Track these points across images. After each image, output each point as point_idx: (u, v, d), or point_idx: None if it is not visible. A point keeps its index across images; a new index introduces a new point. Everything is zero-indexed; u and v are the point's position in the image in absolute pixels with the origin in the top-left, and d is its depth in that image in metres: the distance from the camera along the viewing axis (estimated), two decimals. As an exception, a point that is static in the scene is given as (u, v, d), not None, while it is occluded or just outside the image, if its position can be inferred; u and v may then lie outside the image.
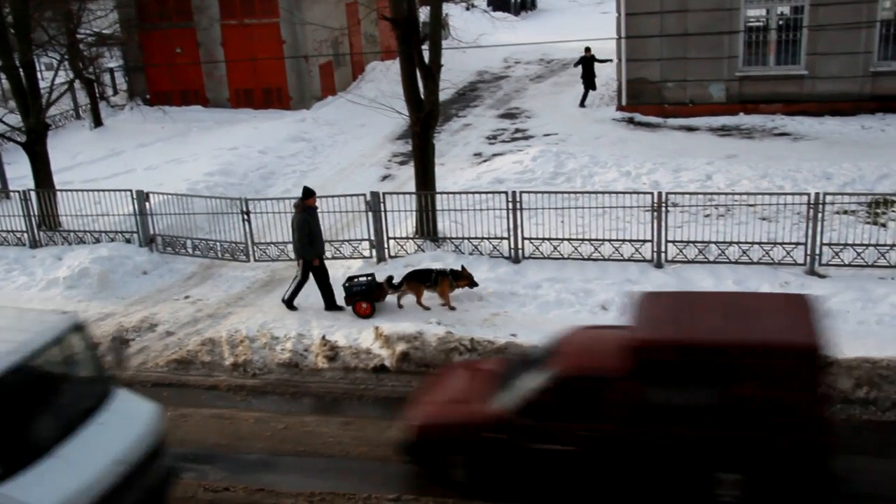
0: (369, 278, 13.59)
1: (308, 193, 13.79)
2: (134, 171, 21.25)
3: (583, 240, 14.27)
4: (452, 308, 13.24)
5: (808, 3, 21.53)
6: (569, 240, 14.30)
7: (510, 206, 14.25)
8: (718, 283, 13.12)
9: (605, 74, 26.05)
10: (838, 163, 17.88)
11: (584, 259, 14.13)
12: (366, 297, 13.35)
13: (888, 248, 13.24)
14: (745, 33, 22.31)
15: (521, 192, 14.45)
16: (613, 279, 13.46)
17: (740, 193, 15.28)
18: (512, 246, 14.47)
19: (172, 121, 25.54)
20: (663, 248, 13.88)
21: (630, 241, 14.10)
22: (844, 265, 13.28)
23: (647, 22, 22.43)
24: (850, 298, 12.42)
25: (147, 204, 16.20)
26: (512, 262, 14.43)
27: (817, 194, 13.23)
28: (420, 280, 13.34)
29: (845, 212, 15.14)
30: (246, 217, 15.45)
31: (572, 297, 13.11)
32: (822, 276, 13.20)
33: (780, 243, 13.60)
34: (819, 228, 13.24)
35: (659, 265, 13.87)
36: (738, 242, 13.74)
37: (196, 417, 11.05)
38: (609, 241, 14.19)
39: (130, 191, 16.21)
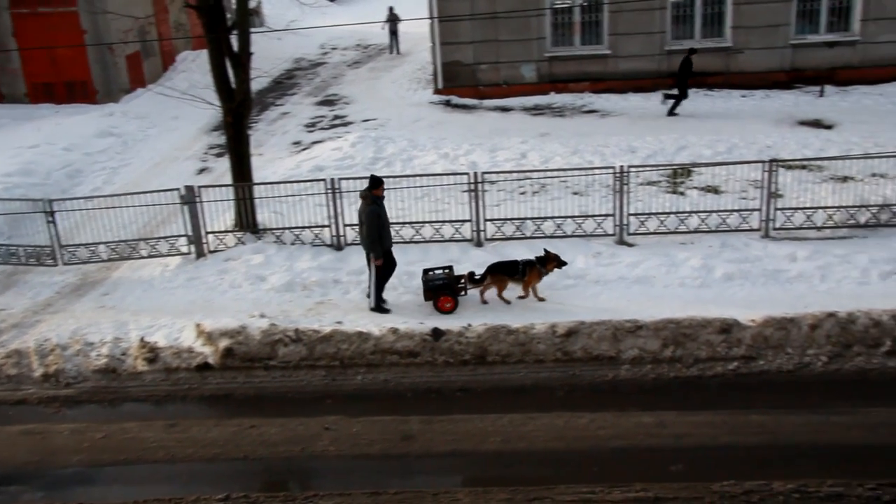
0: (446, 271, 12.66)
1: (376, 182, 12.37)
2: (-82, 174, 19.49)
3: (403, 223, 14.39)
4: (542, 299, 12.50)
5: (607, -15, 22.58)
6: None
7: (330, 193, 14.16)
8: (536, 257, 13.58)
9: (423, 58, 26.27)
10: (642, 136, 18.95)
11: (405, 242, 14.22)
12: (448, 291, 12.38)
13: (687, 214, 14.13)
14: (551, 15, 23.14)
15: (340, 179, 14.38)
16: (436, 261, 13.62)
17: (553, 170, 15.86)
18: (334, 233, 14.39)
19: (-39, 119, 23.61)
20: (482, 227, 14.21)
21: (450, 221, 14.35)
22: (650, 233, 14.08)
23: (458, 4, 22.79)
24: (656, 264, 13.18)
25: (-64, 210, 14.97)
26: (335, 249, 14.35)
27: (622, 167, 13.93)
28: (505, 272, 12.50)
29: (649, 183, 16.06)
30: (51, 219, 14.55)
31: (395, 280, 13.15)
32: (630, 245, 13.92)
33: (592, 216, 14.22)
34: (626, 200, 13.94)
35: (479, 244, 14.19)
36: (552, 217, 14.27)
37: (2, 436, 10.34)
38: (429, 223, 14.39)
39: (-85, 197, 14.93)
